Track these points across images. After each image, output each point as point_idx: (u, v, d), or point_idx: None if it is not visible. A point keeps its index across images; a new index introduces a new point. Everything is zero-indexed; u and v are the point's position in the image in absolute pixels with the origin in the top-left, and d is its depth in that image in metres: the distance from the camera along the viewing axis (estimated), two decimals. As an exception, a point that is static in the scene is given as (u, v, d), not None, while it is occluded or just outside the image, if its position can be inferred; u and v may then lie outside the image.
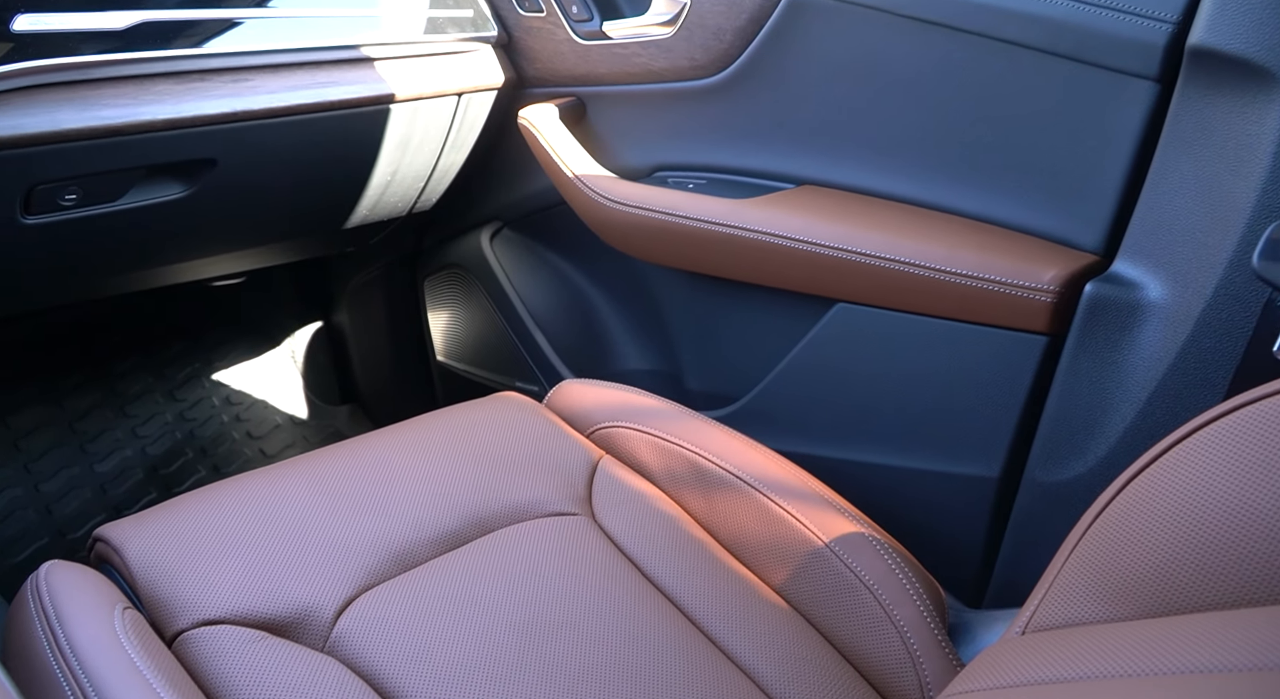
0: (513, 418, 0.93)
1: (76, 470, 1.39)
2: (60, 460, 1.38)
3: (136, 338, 1.54)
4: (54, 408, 1.43)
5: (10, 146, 0.81)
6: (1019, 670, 0.52)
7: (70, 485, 1.37)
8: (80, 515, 1.36)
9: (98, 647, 0.57)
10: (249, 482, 0.78)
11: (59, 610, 0.60)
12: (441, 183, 1.31)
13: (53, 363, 1.46)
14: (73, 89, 0.84)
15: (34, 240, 0.91)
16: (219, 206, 1.05)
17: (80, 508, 1.36)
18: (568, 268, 1.34)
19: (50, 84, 0.83)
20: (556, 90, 1.21)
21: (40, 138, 0.82)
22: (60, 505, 1.35)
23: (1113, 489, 0.55)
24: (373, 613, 0.69)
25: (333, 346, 1.68)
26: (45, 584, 0.63)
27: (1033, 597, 0.57)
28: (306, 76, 1.02)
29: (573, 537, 0.80)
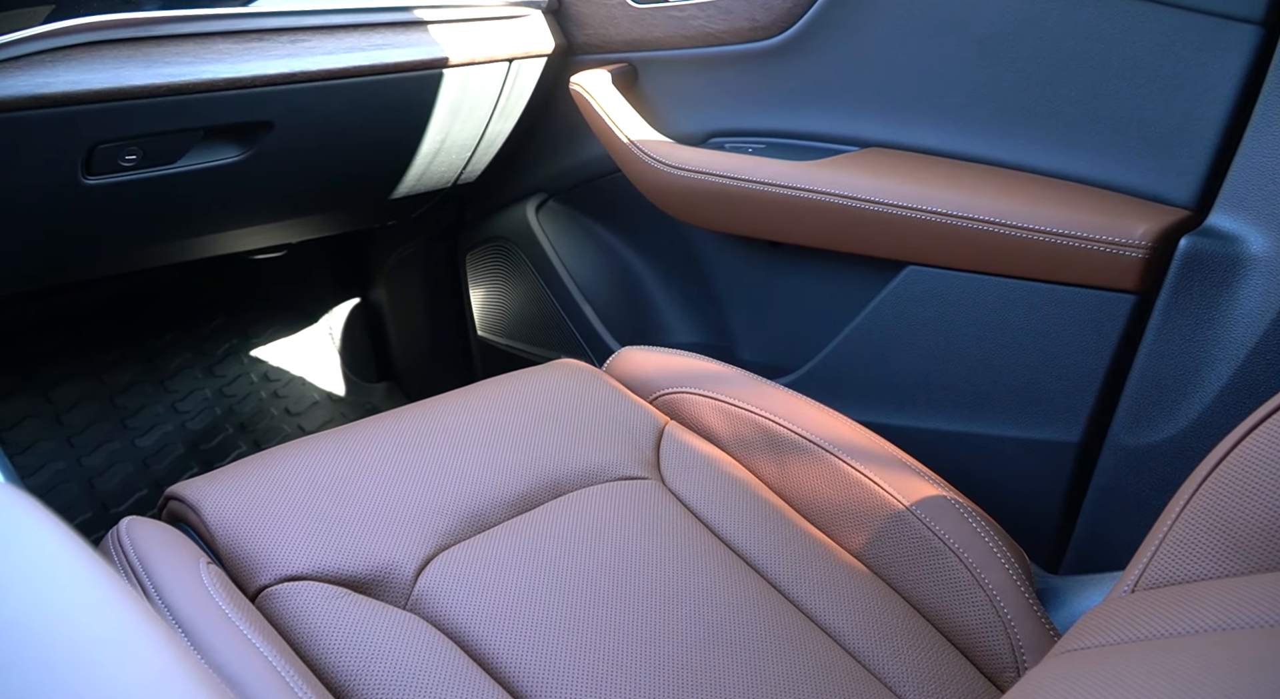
0: (576, 383, 0.91)
1: (118, 445, 1.38)
2: (102, 435, 1.38)
3: (176, 312, 1.53)
4: (95, 382, 1.42)
5: (74, 102, 0.79)
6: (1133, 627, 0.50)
7: (112, 460, 1.37)
8: (123, 490, 1.35)
9: (189, 599, 0.56)
10: (318, 442, 0.77)
11: (145, 564, 0.59)
12: (488, 153, 1.30)
13: (94, 337, 1.45)
14: (136, 46, 0.83)
15: (94, 202, 0.90)
16: (273, 172, 1.04)
17: (122, 482, 1.35)
18: (615, 239, 1.32)
19: (114, 40, 0.81)
20: (607, 57, 1.19)
21: (104, 94, 0.81)
22: (103, 480, 1.34)
23: (1228, 442, 0.53)
24: (452, 572, 0.68)
25: (370, 323, 1.67)
26: (128, 538, 0.62)
27: (1140, 555, 0.55)
28: (362, 38, 1.00)
29: (645, 500, 0.79)
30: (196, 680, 0.26)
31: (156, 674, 0.26)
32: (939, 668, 0.68)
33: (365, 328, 1.67)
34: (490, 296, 1.50)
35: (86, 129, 0.82)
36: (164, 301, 1.53)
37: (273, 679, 0.52)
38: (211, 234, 1.15)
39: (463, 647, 0.63)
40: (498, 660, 0.62)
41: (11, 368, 1.36)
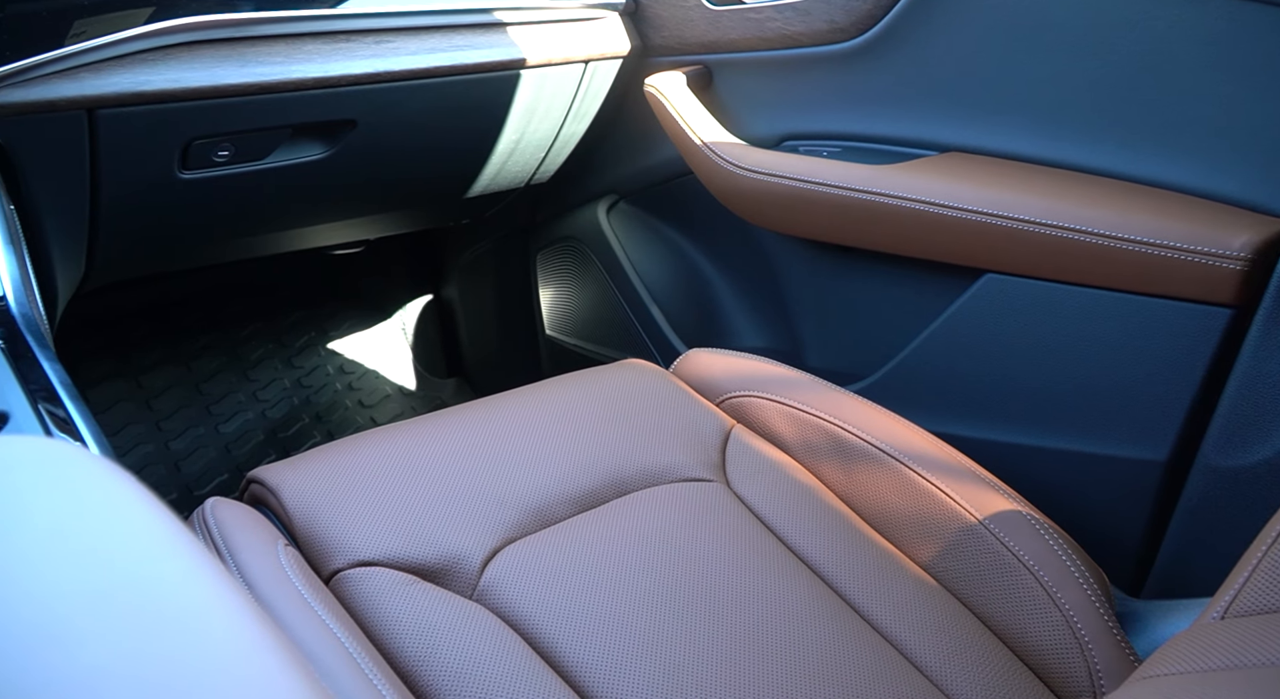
0: (643, 383, 0.92)
1: (202, 430, 1.44)
2: (188, 420, 1.43)
3: (259, 305, 1.59)
4: (183, 370, 1.48)
5: (173, 100, 0.83)
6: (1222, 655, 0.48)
7: (197, 444, 1.42)
8: (206, 473, 1.40)
9: (267, 578, 0.58)
10: (394, 432, 0.79)
11: (228, 543, 0.61)
12: (561, 154, 1.31)
13: (183, 327, 1.51)
14: (231, 46, 0.86)
15: (189, 196, 0.93)
16: (354, 169, 1.07)
17: (205, 466, 1.41)
18: (684, 242, 1.32)
19: (211, 40, 0.85)
20: (682, 59, 1.19)
21: (200, 92, 0.84)
22: (188, 463, 1.40)
23: None
24: (517, 565, 0.69)
25: (442, 320, 1.71)
26: (212, 518, 0.64)
27: (1231, 580, 0.53)
28: (443, 39, 1.02)
29: (710, 503, 0.78)
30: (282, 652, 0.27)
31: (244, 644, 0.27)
32: (1010, 687, 0.66)
33: (437, 324, 1.70)
34: (559, 296, 1.52)
35: (183, 125, 0.86)
36: (248, 294, 1.59)
37: (345, 659, 0.53)
38: (296, 229, 1.19)
39: (526, 639, 0.64)
40: (560, 654, 0.63)
41: (108, 354, 1.43)
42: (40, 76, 0.76)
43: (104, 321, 1.43)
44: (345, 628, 0.58)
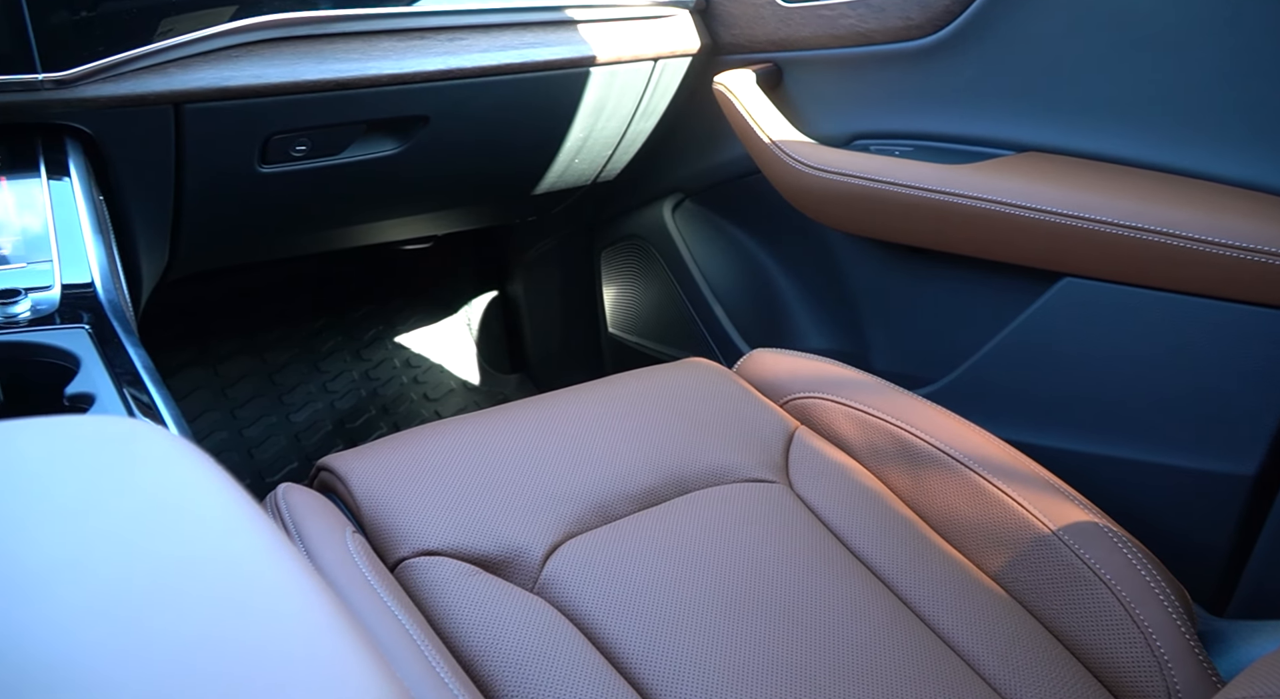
0: (706, 382, 0.91)
1: (274, 419, 1.47)
2: (261, 409, 1.47)
3: (330, 299, 1.63)
4: (257, 360, 1.52)
5: (254, 95, 0.85)
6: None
7: (269, 432, 1.46)
8: (277, 461, 1.44)
9: (336, 564, 0.59)
10: (459, 425, 0.80)
11: (298, 527, 0.62)
12: (628, 152, 1.31)
13: (258, 318, 1.56)
14: (310, 43, 0.88)
15: (267, 190, 0.96)
16: (425, 165, 1.09)
17: (277, 454, 1.44)
18: (749, 241, 1.31)
19: (291, 38, 0.87)
20: (752, 57, 1.18)
21: (280, 87, 0.86)
22: (260, 451, 1.44)
23: None
24: (578, 560, 0.69)
25: (506, 316, 1.72)
26: (284, 503, 0.65)
27: None
28: (515, 37, 1.03)
29: (772, 504, 0.78)
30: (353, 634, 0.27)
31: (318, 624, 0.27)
32: (1082, 703, 0.64)
33: (501, 320, 1.72)
34: (622, 294, 1.52)
35: (264, 120, 0.88)
36: (320, 288, 1.63)
37: (409, 646, 0.54)
38: (368, 224, 1.21)
39: (585, 633, 0.64)
40: (620, 650, 0.63)
41: (188, 343, 1.48)
42: (131, 71, 0.78)
43: (185, 312, 1.48)
44: (409, 615, 0.58)
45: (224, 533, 0.31)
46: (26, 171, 0.75)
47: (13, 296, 0.66)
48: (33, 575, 0.28)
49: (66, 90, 0.75)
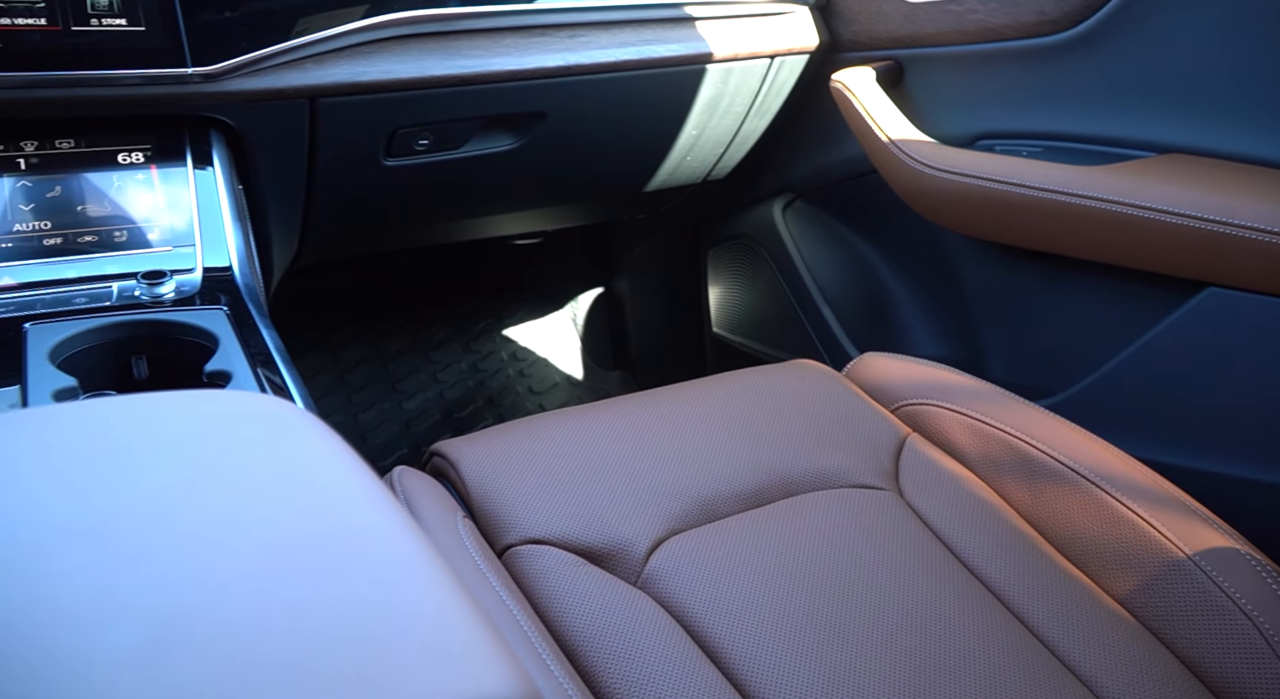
0: (814, 385, 0.89)
1: (387, 405, 1.53)
2: (375, 395, 1.53)
3: (443, 291, 1.67)
4: (372, 348, 1.58)
5: (383, 90, 0.88)
6: None
7: (381, 418, 1.51)
8: (388, 446, 1.49)
9: (448, 546, 0.61)
10: (567, 417, 0.81)
11: (413, 509, 0.64)
12: (740, 150, 1.30)
13: (374, 308, 1.62)
14: (437, 40, 0.91)
15: (391, 182, 0.99)
16: (541, 161, 1.10)
17: (388, 440, 1.50)
18: (862, 244, 1.28)
19: (419, 34, 0.90)
20: (872, 54, 1.16)
21: (408, 83, 0.89)
22: (373, 436, 1.49)
23: None
24: (682, 556, 0.68)
25: (611, 313, 1.74)
26: (400, 485, 0.68)
27: None
28: (634, 34, 1.04)
29: (881, 511, 0.75)
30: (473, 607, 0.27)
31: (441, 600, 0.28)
32: (1215, 741, 0.60)
33: (606, 317, 1.74)
34: (728, 294, 1.51)
35: (391, 114, 0.91)
36: (433, 281, 1.67)
37: (516, 632, 0.55)
38: (482, 218, 1.24)
39: (688, 630, 0.63)
40: (722, 649, 0.62)
41: (311, 330, 1.55)
42: (271, 67, 0.82)
43: (308, 300, 1.55)
44: (517, 601, 0.59)
45: (354, 507, 0.32)
46: (175, 161, 0.80)
47: (160, 278, 0.70)
48: (183, 539, 0.30)
49: (212, 84, 0.79)
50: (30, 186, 0.73)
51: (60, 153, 0.75)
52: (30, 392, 0.55)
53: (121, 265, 0.72)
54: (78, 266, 0.71)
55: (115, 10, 0.74)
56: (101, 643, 0.26)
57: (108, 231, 0.74)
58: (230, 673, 0.24)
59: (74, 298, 0.68)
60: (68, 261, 0.71)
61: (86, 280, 0.70)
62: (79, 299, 0.68)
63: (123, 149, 0.78)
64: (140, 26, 0.75)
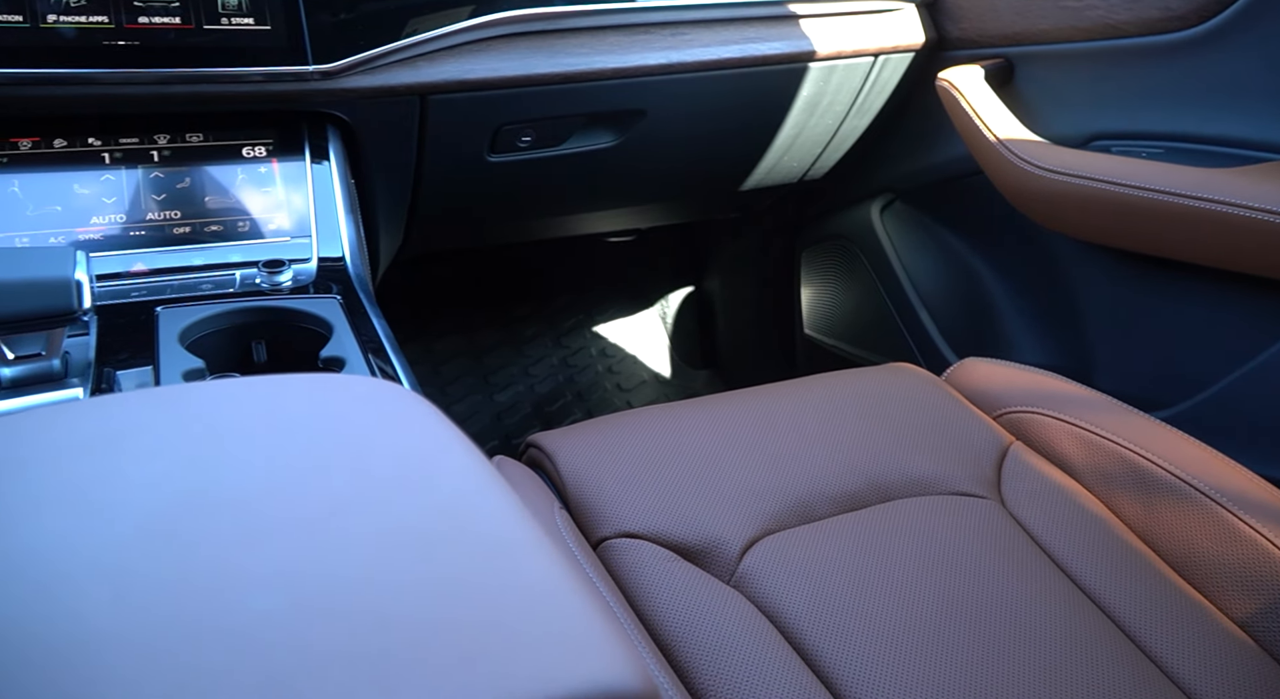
0: (912, 389, 0.87)
1: (480, 397, 1.56)
2: (468, 387, 1.56)
3: (536, 287, 1.70)
4: (467, 340, 1.62)
5: (491, 87, 0.90)
6: None
7: (474, 410, 1.55)
8: (479, 438, 1.52)
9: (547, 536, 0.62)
10: (661, 413, 0.81)
11: (511, 497, 0.65)
12: (838, 149, 1.28)
13: (469, 302, 1.65)
14: (543, 38, 0.92)
15: (493, 178, 1.01)
16: (639, 158, 1.11)
17: (480, 431, 1.53)
18: (962, 246, 1.25)
19: (526, 33, 0.91)
20: (980, 52, 1.12)
21: (514, 81, 0.91)
22: (465, 427, 1.52)
23: None
24: (775, 557, 0.68)
25: (701, 312, 1.74)
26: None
27: None
28: (736, 32, 1.03)
29: (982, 520, 0.73)
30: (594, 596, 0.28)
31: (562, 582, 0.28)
32: (1346, 780, 0.56)
33: (696, 315, 1.74)
34: (822, 295, 1.49)
35: (496, 111, 0.93)
36: (527, 276, 1.70)
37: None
38: (579, 214, 1.26)
39: (781, 630, 0.63)
40: (815, 650, 0.61)
41: (409, 322, 1.59)
42: (384, 64, 0.85)
43: (408, 292, 1.59)
44: (613, 594, 0.60)
45: (472, 492, 0.33)
46: (293, 155, 0.83)
47: (279, 267, 0.73)
48: (312, 515, 0.31)
49: (331, 81, 0.82)
50: (162, 177, 0.77)
51: (190, 146, 0.79)
52: (162, 371, 0.58)
53: (243, 254, 0.76)
54: (204, 254, 0.75)
55: (244, 10, 0.78)
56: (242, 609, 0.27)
57: (231, 222, 0.78)
58: (363, 642, 0.25)
59: (200, 284, 0.72)
60: (195, 249, 0.75)
61: (212, 267, 0.74)
62: (205, 285, 0.72)
63: (246, 143, 0.81)
64: (266, 25, 0.78)
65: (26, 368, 0.55)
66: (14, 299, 0.52)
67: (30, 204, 0.72)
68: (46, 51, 0.71)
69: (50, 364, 0.56)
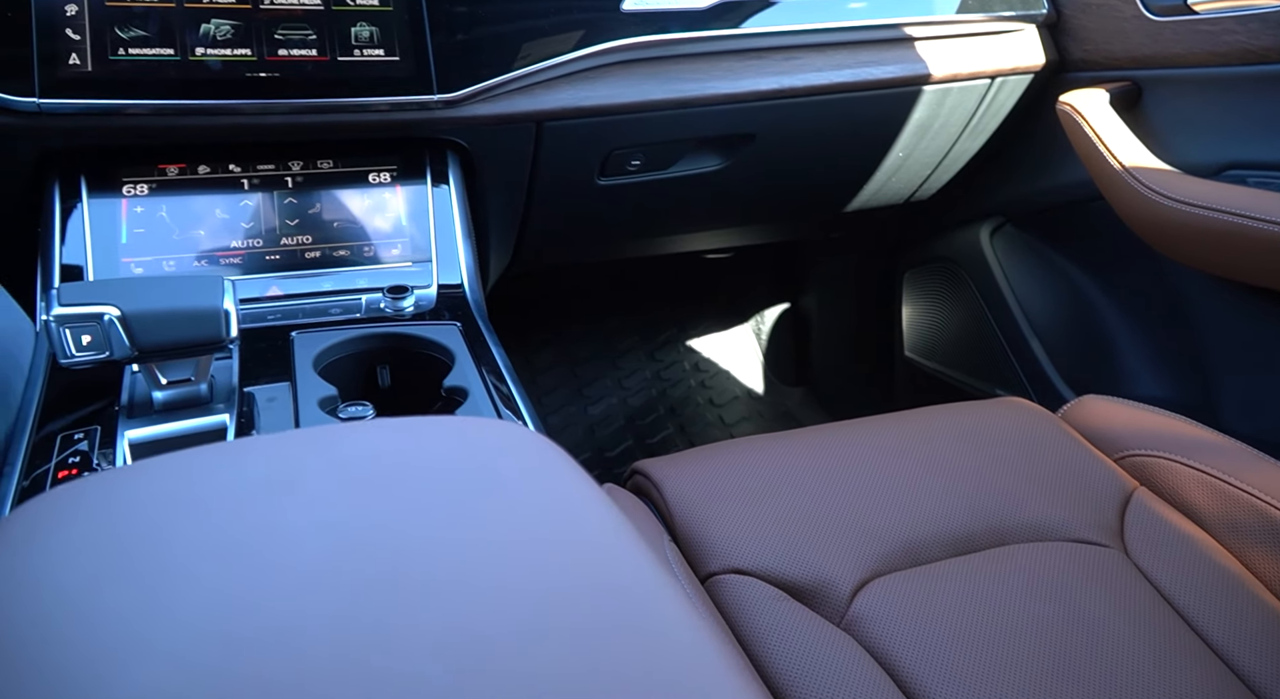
0: (1027, 425, 0.85)
1: (574, 409, 1.58)
2: (563, 399, 1.58)
3: (629, 300, 1.71)
4: (562, 353, 1.64)
5: (606, 113, 0.91)
6: None
7: (568, 422, 1.57)
8: (572, 450, 1.53)
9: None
10: (769, 443, 0.81)
11: (623, 529, 0.66)
12: (948, 171, 1.25)
13: (565, 315, 1.67)
14: (658, 64, 0.93)
15: (600, 200, 1.03)
16: (745, 181, 1.11)
17: (573, 444, 1.55)
18: (1079, 273, 1.20)
19: (642, 59, 0.92)
20: (1104, 74, 1.08)
21: (629, 107, 0.91)
22: (559, 439, 1.54)
23: None
24: (887, 600, 0.67)
25: (796, 329, 1.72)
26: (609, 503, 0.70)
27: None
28: (849, 55, 1.02)
29: (1106, 571, 0.71)
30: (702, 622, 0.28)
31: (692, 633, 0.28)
32: None
33: (791, 333, 1.72)
34: (924, 318, 1.46)
35: (609, 136, 0.94)
36: (621, 289, 1.72)
37: (728, 665, 0.55)
38: (681, 234, 1.26)
39: (894, 678, 0.62)
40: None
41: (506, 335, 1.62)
42: (504, 92, 0.87)
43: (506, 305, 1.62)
44: (722, 630, 0.60)
45: (605, 544, 0.34)
46: (416, 180, 0.86)
47: (403, 293, 0.75)
48: (467, 573, 0.32)
49: (453, 110, 0.84)
50: (295, 203, 0.81)
51: (321, 172, 0.82)
52: (300, 396, 0.61)
53: (369, 279, 0.79)
54: (332, 279, 0.78)
55: (375, 42, 0.80)
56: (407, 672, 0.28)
57: (357, 246, 0.81)
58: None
59: (329, 308, 0.75)
60: (324, 274, 0.78)
61: (340, 293, 0.77)
62: (333, 309, 0.75)
63: (372, 169, 0.84)
64: (395, 56, 0.81)
65: (177, 392, 0.59)
66: (170, 328, 0.55)
67: (176, 228, 0.76)
68: (194, 83, 0.74)
69: (198, 389, 0.59)
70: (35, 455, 0.54)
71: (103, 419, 0.57)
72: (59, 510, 0.34)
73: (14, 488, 0.51)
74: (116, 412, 0.58)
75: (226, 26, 0.76)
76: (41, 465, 0.53)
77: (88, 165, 0.76)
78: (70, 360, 0.54)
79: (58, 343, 0.53)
